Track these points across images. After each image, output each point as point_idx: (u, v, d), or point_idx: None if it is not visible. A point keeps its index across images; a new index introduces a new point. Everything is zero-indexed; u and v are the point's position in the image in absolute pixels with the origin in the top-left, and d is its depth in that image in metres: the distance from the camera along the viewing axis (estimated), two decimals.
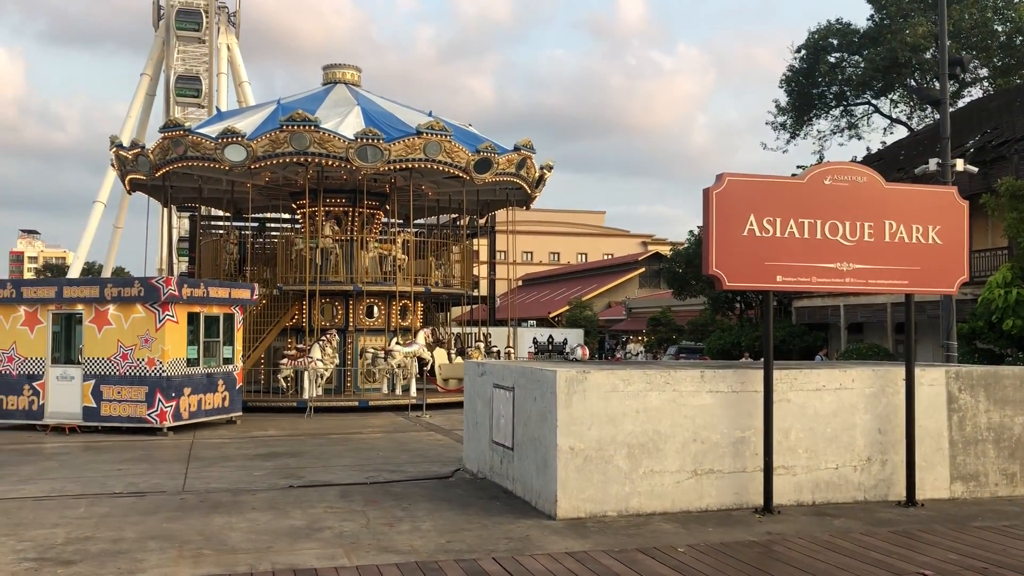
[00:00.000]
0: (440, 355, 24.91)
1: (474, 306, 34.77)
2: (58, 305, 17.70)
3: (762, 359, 9.81)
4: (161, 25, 58.31)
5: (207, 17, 56.58)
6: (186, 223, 43.32)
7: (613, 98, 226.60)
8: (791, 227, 9.56)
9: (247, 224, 28.70)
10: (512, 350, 27.47)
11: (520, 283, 73.74)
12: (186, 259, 39.11)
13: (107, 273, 61.79)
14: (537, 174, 25.80)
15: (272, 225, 31.45)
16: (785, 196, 9.61)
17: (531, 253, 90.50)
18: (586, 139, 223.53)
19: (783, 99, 45.69)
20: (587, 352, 21.88)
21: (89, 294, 17.46)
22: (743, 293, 39.31)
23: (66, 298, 17.60)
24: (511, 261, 30.96)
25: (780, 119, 45.93)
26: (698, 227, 44.00)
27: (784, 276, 9.54)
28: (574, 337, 43.94)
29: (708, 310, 44.32)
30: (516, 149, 24.39)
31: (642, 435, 9.36)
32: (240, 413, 19.47)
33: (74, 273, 57.73)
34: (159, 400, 16.87)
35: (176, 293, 17.07)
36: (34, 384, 17.63)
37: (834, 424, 10.02)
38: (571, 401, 9.18)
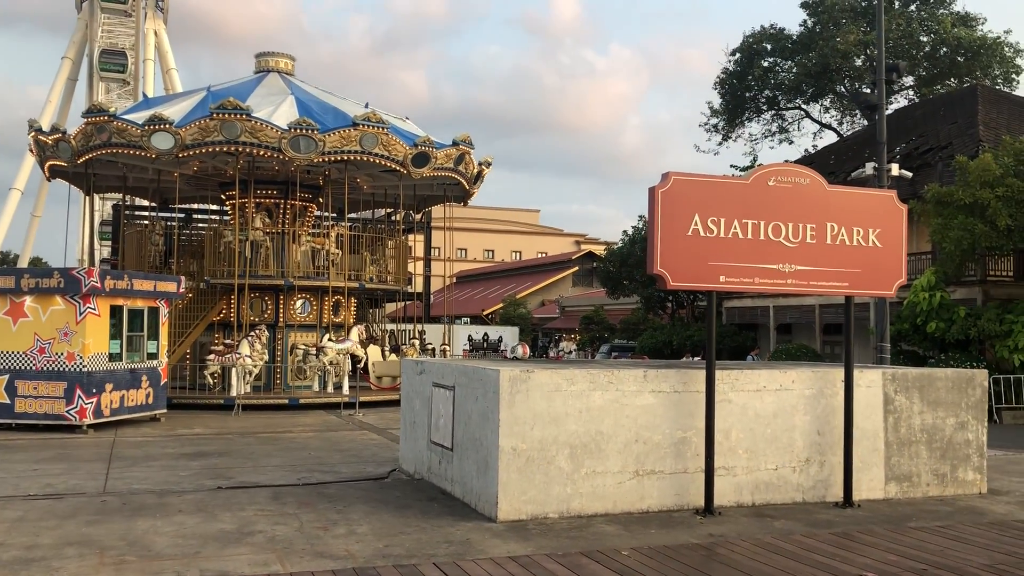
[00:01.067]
0: (374, 352, 24.49)
1: (408, 303, 34.36)
2: None
3: (700, 359, 9.77)
4: (84, 7, 56.24)
5: None
6: (108, 207, 41.90)
7: (547, 96, 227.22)
8: (735, 227, 9.52)
9: (174, 215, 27.75)
10: (448, 348, 27.18)
11: (454, 280, 73.37)
12: (108, 243, 37.79)
13: (23, 263, 59.41)
14: (476, 170, 25.56)
15: (199, 216, 30.52)
16: (730, 196, 9.57)
17: (465, 250, 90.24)
18: (520, 136, 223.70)
19: (716, 101, 46.35)
20: (528, 350, 21.73)
21: (4, 284, 16.58)
22: (675, 293, 39.75)
23: None
24: (447, 258, 30.67)
25: (713, 121, 46.57)
26: (632, 227, 44.42)
27: (728, 277, 9.50)
28: (509, 335, 43.91)
29: (641, 309, 44.73)
30: (455, 144, 24.10)
31: (585, 435, 9.22)
32: (165, 410, 18.78)
33: None
34: (79, 396, 16.12)
35: (98, 285, 16.33)
36: None
37: (774, 425, 10.05)
38: (514, 401, 8.98)
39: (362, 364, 23.63)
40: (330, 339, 22.85)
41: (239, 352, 21.12)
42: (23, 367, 16.37)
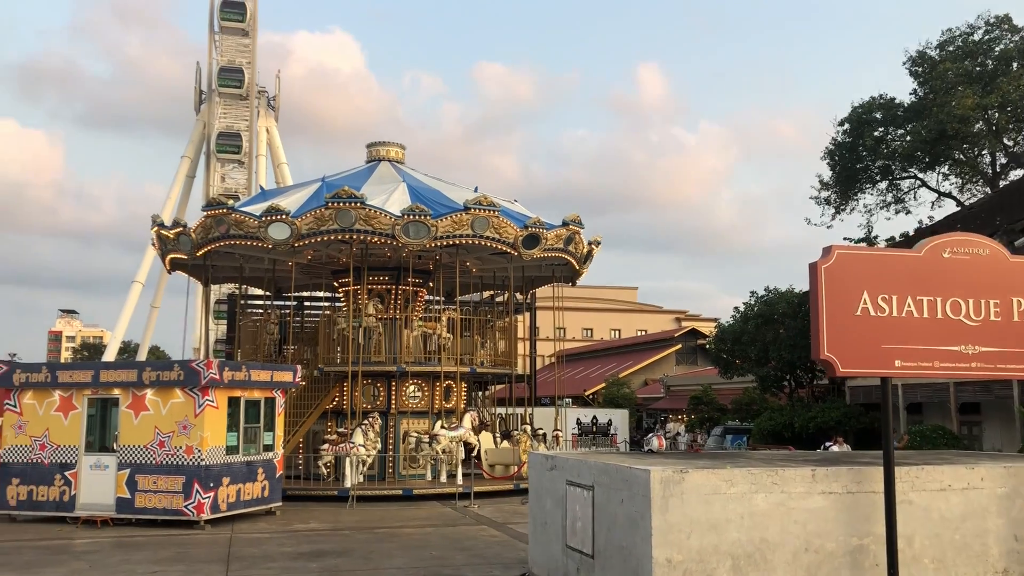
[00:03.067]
0: (486, 439, 23.79)
1: (512, 384, 33.70)
2: (94, 390, 16.92)
3: (835, 445, 8.67)
4: (203, 109, 59.32)
5: (248, 74, 57.60)
6: (223, 287, 43.10)
7: (636, 173, 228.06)
8: (909, 305, 8.54)
9: (287, 303, 28.07)
10: (560, 433, 26.27)
11: (553, 360, 72.56)
12: (222, 321, 38.69)
13: (143, 352, 61.60)
14: (585, 250, 25.03)
15: (311, 304, 30.82)
16: (901, 271, 8.61)
17: (564, 329, 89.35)
18: (611, 214, 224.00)
19: (826, 174, 44.87)
20: (663, 442, 20.60)
21: (127, 378, 16.69)
22: (793, 371, 37.95)
23: (103, 382, 16.83)
24: (557, 338, 30.03)
25: (824, 194, 45.03)
26: (744, 303, 42.90)
27: (904, 360, 8.47)
28: (618, 418, 42.58)
29: (755, 389, 42.77)
30: (564, 224, 23.67)
31: (748, 544, 8.21)
32: (280, 503, 18.39)
33: (111, 352, 57.62)
34: (196, 491, 15.88)
35: (217, 377, 16.23)
36: (66, 473, 16.73)
37: (963, 530, 8.81)
38: (668, 505, 8.08)
39: (475, 452, 22.92)
40: (442, 426, 22.28)
41: (353, 441, 20.74)
42: (144, 461, 16.29)
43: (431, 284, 26.10)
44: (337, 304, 27.88)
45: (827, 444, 25.34)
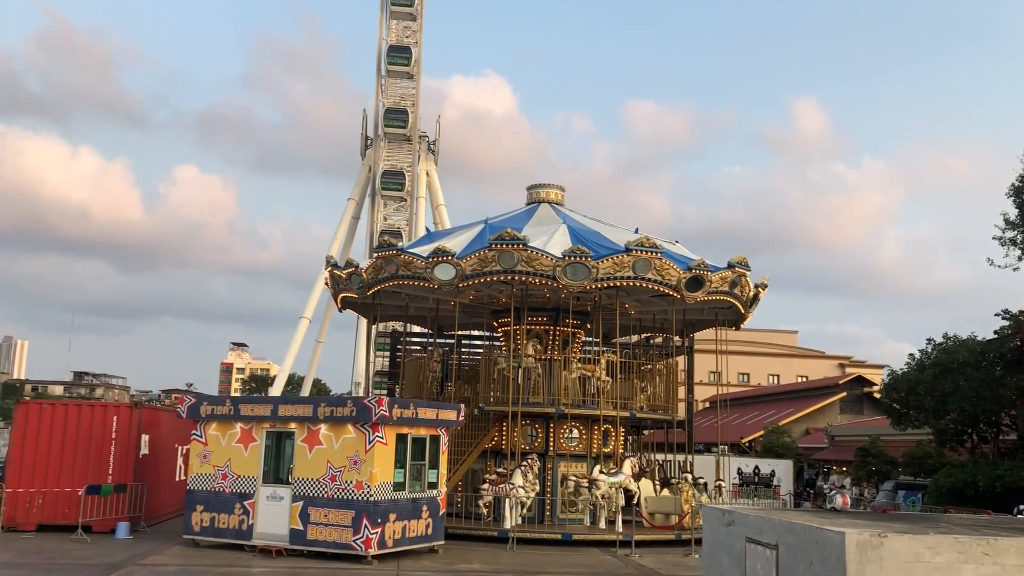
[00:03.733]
0: (645, 487, 23.24)
1: (669, 430, 32.92)
2: (272, 423, 17.72)
3: None
4: (368, 153, 62.08)
5: (412, 115, 59.94)
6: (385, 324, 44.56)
7: (794, 212, 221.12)
8: None
9: (447, 341, 28.66)
10: (722, 483, 25.37)
11: (707, 405, 70.59)
12: (383, 353, 39.81)
13: (307, 385, 64.46)
14: (752, 292, 24.28)
15: (468, 343, 31.33)
16: None
17: (718, 373, 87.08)
18: (767, 254, 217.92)
19: (1011, 211, 41.78)
20: (848, 501, 19.56)
21: (303, 413, 17.39)
22: (976, 425, 35.25)
23: (280, 416, 17.61)
24: (716, 383, 29.15)
25: (1009, 234, 41.91)
26: (919, 350, 40.36)
27: None
28: (782, 469, 40.81)
29: (931, 442, 39.96)
30: (730, 267, 23.07)
31: None
32: (442, 541, 18.58)
33: (278, 385, 60.55)
34: (365, 526, 16.27)
35: (387, 414, 16.66)
36: (245, 503, 17.54)
37: None
38: (864, 572, 7.52)
39: (635, 499, 22.44)
40: (601, 471, 21.98)
41: (512, 482, 20.76)
42: (316, 494, 16.86)
43: (589, 325, 26.00)
44: (495, 343, 28.22)
45: (1021, 507, 23.26)
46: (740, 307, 24.21)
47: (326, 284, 27.05)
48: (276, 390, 59.51)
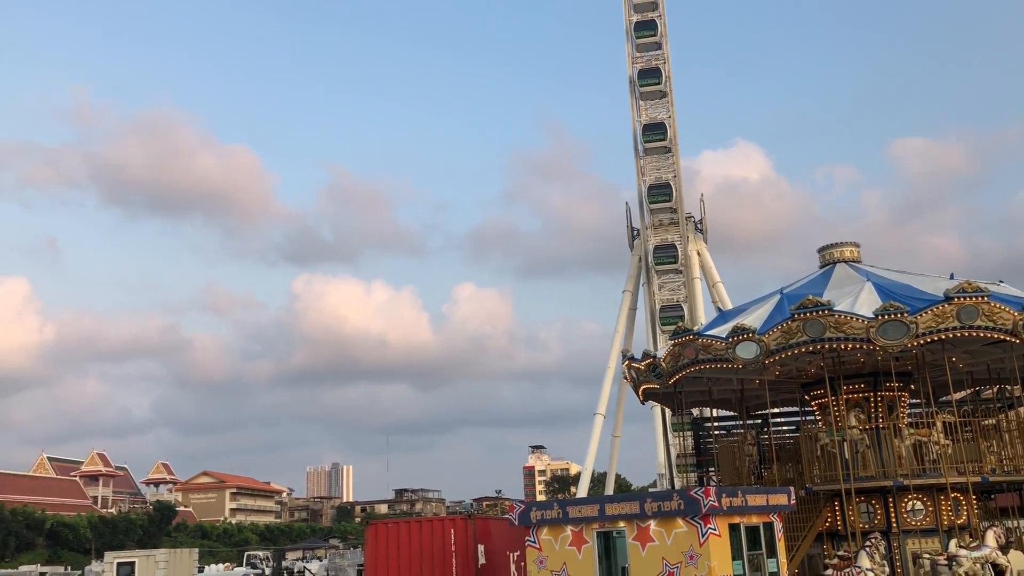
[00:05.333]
0: (1016, 559, 20.47)
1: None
2: (600, 523, 17.75)
3: None
4: (636, 244, 62.73)
5: (675, 188, 59.73)
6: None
7: None
8: None
9: (754, 423, 27.59)
10: None
11: None
12: (678, 433, 38.94)
13: (609, 481, 64.53)
14: None
15: (777, 421, 29.91)
16: None
17: None
18: None
19: None
20: None
21: (630, 510, 17.27)
22: None
23: (608, 515, 17.60)
24: None
25: None
26: None
27: None
28: None
29: None
30: None
31: None
32: None
33: (584, 483, 61.24)
34: None
35: (716, 504, 16.12)
36: None
37: None
38: None
39: (1005, 575, 19.80)
40: (959, 545, 19.70)
41: (859, 566, 19.13)
42: None
43: (913, 386, 23.89)
44: (808, 418, 26.70)
45: None
46: None
47: (624, 378, 27.23)
48: (583, 490, 60.11)
